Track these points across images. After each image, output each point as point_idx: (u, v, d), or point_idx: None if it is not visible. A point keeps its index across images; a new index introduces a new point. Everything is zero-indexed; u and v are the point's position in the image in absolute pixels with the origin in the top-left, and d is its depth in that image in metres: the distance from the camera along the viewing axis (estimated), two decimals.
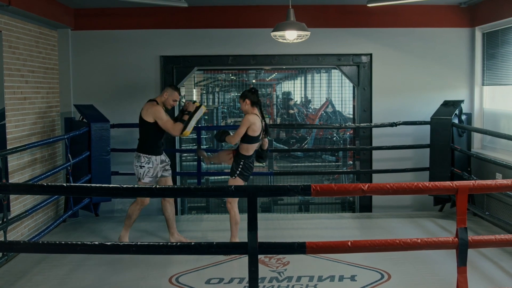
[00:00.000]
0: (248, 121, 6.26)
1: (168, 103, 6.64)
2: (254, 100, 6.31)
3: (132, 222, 6.80)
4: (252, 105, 6.32)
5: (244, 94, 6.36)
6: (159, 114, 6.54)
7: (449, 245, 4.35)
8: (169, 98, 6.61)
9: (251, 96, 6.31)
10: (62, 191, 4.96)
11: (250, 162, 6.42)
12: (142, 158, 6.59)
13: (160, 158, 6.70)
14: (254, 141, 6.34)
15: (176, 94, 6.65)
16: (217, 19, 8.57)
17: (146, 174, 6.59)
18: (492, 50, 8.32)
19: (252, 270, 4.16)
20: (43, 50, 7.85)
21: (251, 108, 6.32)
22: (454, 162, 8.01)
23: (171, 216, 6.86)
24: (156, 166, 6.63)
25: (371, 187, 4.21)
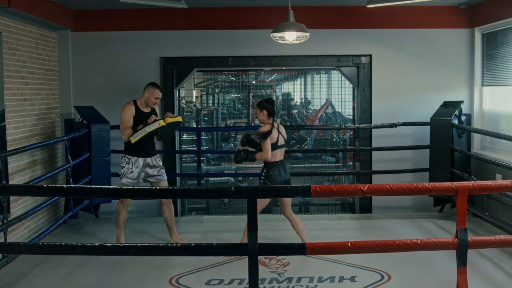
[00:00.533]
0: None
1: (150, 101, 6.57)
2: (271, 110, 6.33)
3: (122, 222, 6.77)
4: (269, 116, 6.33)
5: (262, 104, 6.36)
6: (122, 114, 6.52)
7: (449, 245, 4.36)
8: (150, 96, 6.55)
9: (270, 106, 6.33)
10: (62, 192, 4.96)
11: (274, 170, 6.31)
12: (123, 159, 6.62)
13: (144, 160, 6.61)
14: (274, 148, 6.26)
15: (157, 91, 6.57)
16: (217, 20, 8.58)
17: (125, 174, 6.56)
18: (492, 51, 8.33)
19: (252, 271, 4.17)
20: (43, 51, 7.85)
21: (267, 118, 6.32)
22: (454, 163, 8.01)
23: (169, 219, 6.84)
24: (137, 168, 6.58)
25: (371, 188, 4.22)
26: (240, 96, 12.16)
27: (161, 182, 6.76)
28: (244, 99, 11.96)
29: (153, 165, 6.68)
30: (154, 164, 6.69)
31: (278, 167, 6.32)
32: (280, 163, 6.35)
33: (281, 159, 6.38)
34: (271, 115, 6.33)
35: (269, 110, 6.31)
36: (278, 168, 6.32)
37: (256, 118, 11.99)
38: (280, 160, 6.36)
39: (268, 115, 6.32)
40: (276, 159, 6.31)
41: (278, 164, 6.33)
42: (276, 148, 6.28)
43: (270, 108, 6.32)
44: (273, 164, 6.30)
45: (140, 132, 6.40)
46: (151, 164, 6.67)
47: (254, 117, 11.77)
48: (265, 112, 6.31)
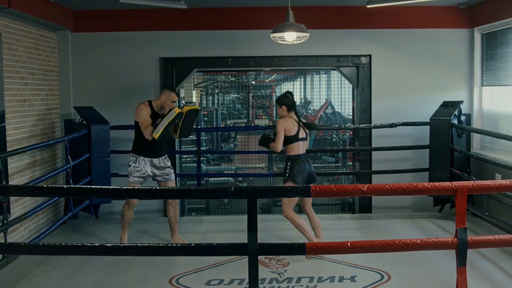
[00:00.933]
0: (281, 125, 6.30)
1: (166, 104, 6.60)
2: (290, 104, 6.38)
3: (126, 223, 6.79)
4: (289, 110, 6.38)
5: (280, 100, 6.42)
6: (139, 114, 6.55)
7: (449, 245, 4.36)
8: (167, 100, 6.59)
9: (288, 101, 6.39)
10: (62, 193, 4.97)
11: (298, 163, 6.33)
12: (130, 157, 6.66)
13: (152, 160, 6.65)
14: (294, 141, 6.32)
15: (174, 95, 6.60)
16: (217, 20, 8.59)
17: (131, 173, 6.61)
18: (491, 51, 8.33)
19: (252, 271, 4.17)
20: (43, 52, 7.86)
21: (288, 113, 6.38)
22: (454, 162, 8.01)
23: (173, 219, 6.85)
24: (144, 167, 6.61)
25: (371, 188, 4.22)
26: (240, 96, 12.18)
27: (168, 182, 6.78)
28: (243, 99, 11.98)
29: (160, 165, 6.70)
30: (161, 164, 6.71)
31: (301, 160, 6.34)
32: (303, 156, 6.36)
33: (304, 153, 6.39)
34: (291, 109, 6.38)
35: (288, 105, 6.37)
36: (302, 161, 6.34)
37: (256, 118, 12.06)
38: (303, 154, 6.38)
39: (288, 110, 6.37)
40: (298, 152, 6.34)
41: (301, 157, 6.35)
42: (296, 141, 6.32)
43: (288, 103, 6.37)
44: (296, 157, 6.34)
45: (160, 126, 6.39)
46: (158, 164, 6.69)
47: (253, 117, 11.79)
48: (284, 107, 6.38)
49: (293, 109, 6.40)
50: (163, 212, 8.70)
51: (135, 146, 6.68)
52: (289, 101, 6.39)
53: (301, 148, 6.37)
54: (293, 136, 6.31)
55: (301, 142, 6.36)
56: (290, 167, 6.35)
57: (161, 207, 8.73)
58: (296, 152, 6.34)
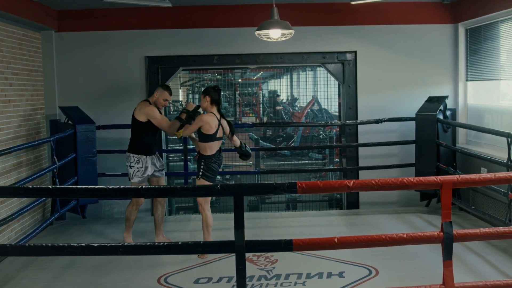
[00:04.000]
0: (201, 121, 6.21)
1: (159, 102, 6.60)
2: (214, 98, 6.26)
3: (131, 223, 6.80)
4: (212, 103, 6.27)
5: (207, 90, 6.31)
6: (153, 113, 6.53)
7: (435, 239, 4.38)
8: (159, 98, 6.59)
9: (213, 94, 6.26)
10: (47, 193, 4.93)
11: (212, 162, 6.27)
12: (132, 158, 6.60)
13: (151, 158, 6.69)
14: (210, 140, 6.22)
15: (167, 93, 6.61)
16: (202, 19, 8.57)
17: (135, 174, 6.59)
18: (475, 46, 8.39)
19: (239, 269, 4.17)
20: (27, 52, 7.80)
21: (210, 106, 6.27)
22: (440, 157, 8.07)
23: (160, 218, 6.86)
24: (146, 166, 6.62)
25: (356, 183, 4.23)
26: (227, 94, 12.15)
27: (160, 179, 6.83)
28: (230, 97, 11.96)
29: (157, 162, 6.76)
30: (157, 161, 6.78)
31: (218, 162, 6.34)
32: (217, 155, 6.32)
33: (219, 153, 6.37)
34: (214, 103, 6.27)
35: (212, 98, 6.25)
36: (219, 163, 6.36)
37: (243, 116, 12.06)
38: (218, 153, 6.33)
39: (211, 103, 6.26)
40: (213, 151, 6.27)
41: (215, 157, 6.29)
42: (213, 140, 6.24)
43: (213, 96, 6.25)
44: (211, 157, 6.28)
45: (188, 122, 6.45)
46: (156, 161, 6.75)
47: (240, 115, 11.79)
48: (207, 98, 6.26)
49: (215, 104, 6.28)
50: (150, 212, 8.68)
51: (135, 146, 6.62)
52: (215, 94, 6.25)
53: (216, 148, 6.29)
54: (211, 135, 6.21)
55: (217, 141, 6.28)
56: (204, 166, 6.28)
57: (149, 206, 8.70)
58: (210, 152, 6.25)
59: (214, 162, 6.30)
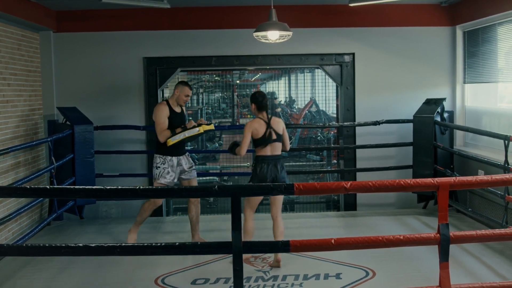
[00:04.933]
0: (248, 128, 6.06)
1: (180, 99, 6.61)
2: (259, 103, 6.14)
3: (143, 219, 6.79)
4: (258, 110, 6.15)
5: (252, 97, 6.23)
6: (157, 114, 6.53)
7: (431, 241, 4.39)
8: (181, 94, 6.59)
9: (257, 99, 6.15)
10: (44, 193, 4.93)
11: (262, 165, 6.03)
12: (157, 159, 6.60)
13: (178, 159, 6.65)
14: (260, 144, 6.04)
15: (187, 89, 6.60)
16: (200, 20, 8.58)
17: (161, 175, 6.56)
18: (473, 48, 8.40)
19: (236, 270, 4.17)
20: (25, 52, 7.81)
21: (258, 112, 6.16)
22: (437, 159, 8.08)
23: (194, 218, 6.84)
24: (172, 167, 6.59)
25: (354, 185, 4.24)
26: (225, 95, 12.18)
27: (191, 179, 6.80)
28: (228, 98, 11.97)
29: (185, 163, 6.73)
30: (186, 162, 6.74)
31: (266, 162, 6.03)
32: (270, 158, 6.05)
33: (274, 154, 6.07)
34: (260, 108, 6.14)
35: (258, 105, 6.14)
36: (267, 163, 6.02)
37: (241, 117, 12.06)
38: (272, 155, 6.06)
39: (257, 109, 6.15)
40: (266, 153, 6.05)
41: (267, 159, 6.05)
42: (264, 143, 6.04)
43: (258, 104, 6.13)
44: (261, 159, 6.06)
45: (179, 136, 6.46)
46: (184, 162, 6.72)
47: (238, 116, 11.80)
48: (253, 105, 6.17)
49: (262, 109, 6.14)
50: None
51: (159, 146, 6.59)
52: (261, 101, 6.13)
53: (270, 150, 6.07)
54: (260, 138, 6.04)
55: (270, 144, 6.06)
56: (253, 168, 6.15)
57: None
58: (263, 153, 6.05)
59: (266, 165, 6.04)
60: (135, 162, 8.64)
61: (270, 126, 6.09)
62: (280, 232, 6.15)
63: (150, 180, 8.67)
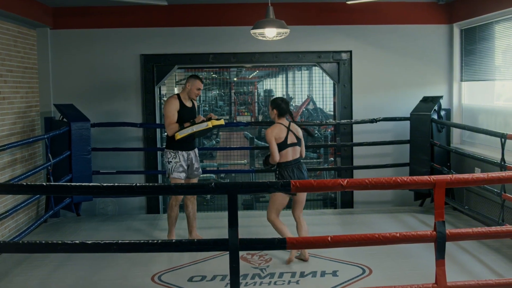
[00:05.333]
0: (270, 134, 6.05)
1: (192, 93, 6.58)
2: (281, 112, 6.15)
3: (174, 220, 6.76)
4: (280, 116, 6.15)
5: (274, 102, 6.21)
6: (167, 107, 6.53)
7: (428, 238, 4.40)
8: (192, 88, 6.56)
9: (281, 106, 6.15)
10: (41, 190, 4.93)
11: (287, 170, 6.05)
12: (168, 154, 6.59)
13: (188, 154, 6.64)
14: (281, 148, 6.04)
15: (199, 82, 6.57)
16: (197, 17, 8.57)
17: (174, 169, 6.55)
18: (470, 46, 8.41)
19: (233, 267, 4.17)
20: (22, 49, 7.79)
21: (278, 118, 6.16)
22: (434, 157, 8.09)
23: (191, 215, 6.84)
24: (184, 162, 6.59)
25: (350, 182, 4.24)
26: (222, 93, 12.15)
27: (195, 178, 6.81)
28: (226, 96, 11.96)
29: (195, 158, 6.72)
30: (195, 157, 6.74)
31: (291, 166, 6.06)
32: (293, 162, 6.07)
33: (295, 158, 6.10)
34: (281, 115, 6.15)
35: (279, 111, 6.14)
36: (291, 168, 6.05)
37: (238, 115, 12.05)
38: (294, 160, 6.08)
39: (278, 115, 6.15)
40: (288, 158, 6.05)
41: (291, 163, 6.07)
42: (285, 147, 6.05)
43: (280, 109, 6.14)
44: (284, 164, 6.05)
45: (187, 130, 6.42)
46: (194, 157, 6.71)
47: (235, 114, 11.79)
48: (275, 111, 6.16)
49: (284, 115, 6.17)
50: (145, 209, 8.70)
51: (170, 141, 6.58)
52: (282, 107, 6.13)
53: (291, 155, 6.07)
54: (281, 143, 6.04)
55: (291, 148, 6.07)
56: (278, 174, 6.11)
57: (143, 204, 8.72)
58: (284, 159, 6.06)
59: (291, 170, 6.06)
60: (132, 159, 8.64)
61: (290, 130, 6.13)
62: (305, 231, 6.22)
63: (148, 177, 8.68)
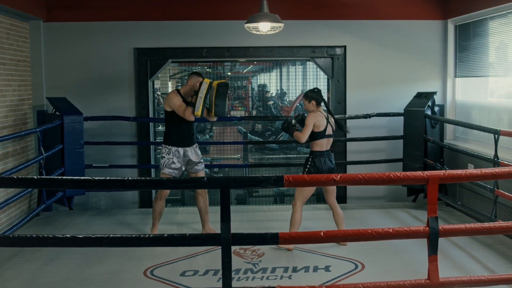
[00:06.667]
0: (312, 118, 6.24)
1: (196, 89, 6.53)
2: (319, 99, 6.32)
3: (158, 214, 6.78)
4: (318, 105, 6.32)
5: (309, 95, 6.35)
6: (172, 100, 6.50)
7: (420, 234, 4.39)
8: (195, 84, 6.51)
9: (316, 96, 6.32)
10: (32, 183, 4.89)
11: (320, 159, 6.28)
12: (163, 149, 6.59)
13: (184, 150, 6.61)
14: (320, 137, 6.27)
15: (201, 79, 6.52)
16: (191, 11, 8.52)
17: (165, 165, 6.55)
18: (464, 42, 8.41)
19: (225, 261, 4.15)
20: (14, 42, 7.73)
21: (316, 108, 6.32)
22: (427, 153, 8.10)
23: (203, 209, 6.84)
24: (178, 158, 6.56)
25: (343, 177, 4.22)
26: None
27: (198, 172, 6.76)
28: None
29: (193, 154, 6.68)
30: (193, 153, 6.69)
31: (324, 157, 6.30)
32: (326, 153, 6.33)
33: (327, 149, 6.36)
34: (320, 104, 6.34)
35: (317, 100, 6.31)
36: (324, 158, 6.30)
37: (232, 109, 12.02)
38: (326, 150, 6.34)
39: (317, 105, 6.32)
40: (322, 148, 6.30)
41: (324, 153, 6.31)
42: (322, 137, 6.27)
43: (317, 98, 6.31)
44: (319, 153, 6.29)
45: (197, 102, 6.31)
46: (191, 153, 6.67)
47: (229, 108, 11.76)
48: (313, 102, 6.31)
49: (320, 104, 6.36)
50: (138, 204, 8.67)
51: (167, 137, 6.60)
52: (318, 96, 6.32)
53: (325, 145, 6.32)
54: (321, 132, 6.27)
55: (326, 139, 6.32)
56: (311, 162, 6.31)
57: (136, 198, 8.69)
58: (319, 148, 6.30)
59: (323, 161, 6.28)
60: (125, 153, 8.61)
61: (329, 121, 6.34)
62: (341, 218, 6.56)
63: (140, 171, 8.66)
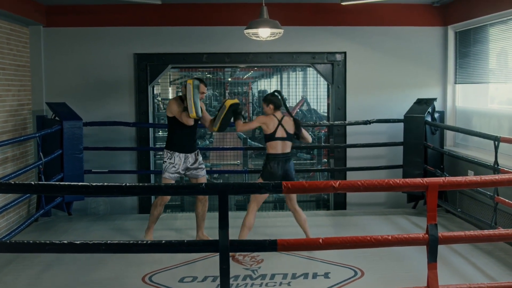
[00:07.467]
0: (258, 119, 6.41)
1: None
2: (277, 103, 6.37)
3: (155, 219, 6.79)
4: (276, 109, 6.37)
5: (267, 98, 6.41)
6: (172, 108, 6.52)
7: (420, 241, 4.38)
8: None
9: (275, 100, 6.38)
10: (30, 189, 4.88)
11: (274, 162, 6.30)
12: (165, 153, 6.61)
13: (186, 156, 6.61)
14: (269, 139, 6.30)
15: (202, 86, 6.55)
16: (191, 16, 8.53)
17: (166, 169, 6.56)
18: (465, 49, 8.40)
19: (223, 268, 4.14)
20: (14, 47, 7.73)
21: (274, 111, 6.37)
22: (427, 159, 8.08)
23: (200, 215, 6.83)
24: (178, 163, 6.56)
25: (342, 184, 4.21)
26: (217, 93, 12.11)
27: (199, 178, 6.75)
28: (220, 96, 11.92)
29: (193, 161, 6.67)
30: (194, 159, 6.68)
31: (278, 159, 6.30)
32: (282, 155, 6.31)
33: (284, 152, 6.33)
34: (278, 108, 6.38)
35: (275, 103, 6.36)
36: (278, 160, 6.30)
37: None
38: (283, 153, 6.32)
39: (275, 109, 6.37)
40: (277, 151, 6.30)
41: (279, 156, 6.30)
42: (273, 139, 6.29)
43: (276, 102, 6.36)
44: (273, 156, 6.31)
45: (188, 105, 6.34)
46: (192, 160, 6.66)
47: None
48: (271, 106, 6.37)
49: (279, 108, 6.39)
50: (137, 209, 8.66)
51: (169, 142, 6.62)
52: (277, 99, 6.37)
53: (280, 148, 6.31)
54: (270, 134, 6.30)
55: (281, 142, 6.31)
56: (264, 165, 6.37)
57: (135, 204, 8.68)
58: (274, 151, 6.31)
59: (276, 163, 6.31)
60: (124, 159, 8.60)
61: (281, 124, 6.34)
62: (304, 219, 6.61)
63: (140, 177, 8.64)
